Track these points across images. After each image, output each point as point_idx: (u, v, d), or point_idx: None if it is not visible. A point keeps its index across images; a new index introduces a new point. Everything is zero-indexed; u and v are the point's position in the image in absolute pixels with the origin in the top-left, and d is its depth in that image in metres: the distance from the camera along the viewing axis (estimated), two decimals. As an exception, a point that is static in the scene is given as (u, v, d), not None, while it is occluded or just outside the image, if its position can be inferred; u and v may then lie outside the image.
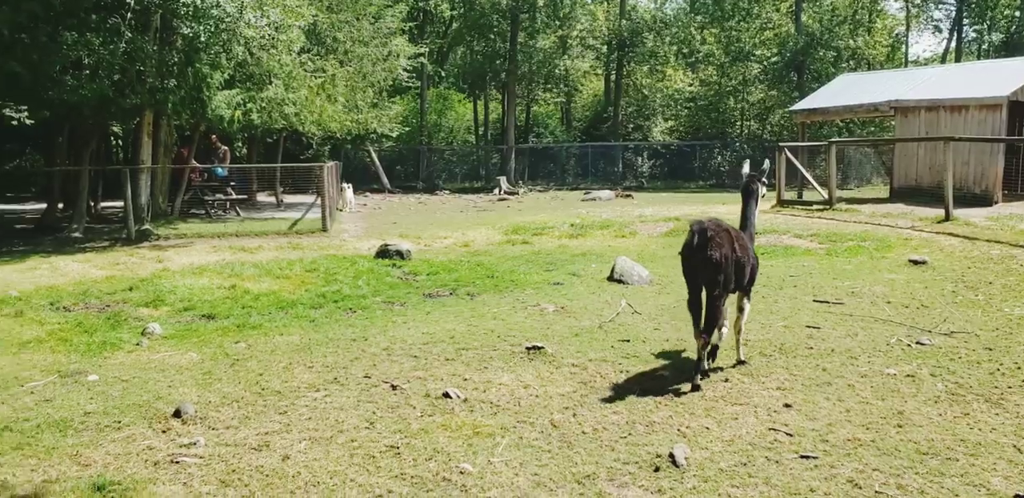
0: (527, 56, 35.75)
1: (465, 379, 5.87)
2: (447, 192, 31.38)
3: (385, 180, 32.23)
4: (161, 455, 4.51)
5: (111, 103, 15.15)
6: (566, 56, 37.12)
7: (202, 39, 14.73)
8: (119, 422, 5.07)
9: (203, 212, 19.66)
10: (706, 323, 5.59)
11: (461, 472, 4.23)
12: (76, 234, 15.26)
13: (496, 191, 30.13)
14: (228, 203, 20.10)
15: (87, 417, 5.17)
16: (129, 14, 15.18)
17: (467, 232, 15.38)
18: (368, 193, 29.63)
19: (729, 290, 5.78)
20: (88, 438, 4.80)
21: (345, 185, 22.97)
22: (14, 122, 21.78)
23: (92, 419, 5.13)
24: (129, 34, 14.98)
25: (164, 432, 4.89)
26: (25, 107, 19.11)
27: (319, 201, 17.45)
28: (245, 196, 21.50)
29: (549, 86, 39.93)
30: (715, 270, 5.48)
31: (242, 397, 5.56)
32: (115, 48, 14.60)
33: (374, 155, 32.93)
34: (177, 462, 4.40)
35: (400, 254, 11.85)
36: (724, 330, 6.08)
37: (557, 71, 37.32)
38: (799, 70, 35.10)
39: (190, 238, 14.83)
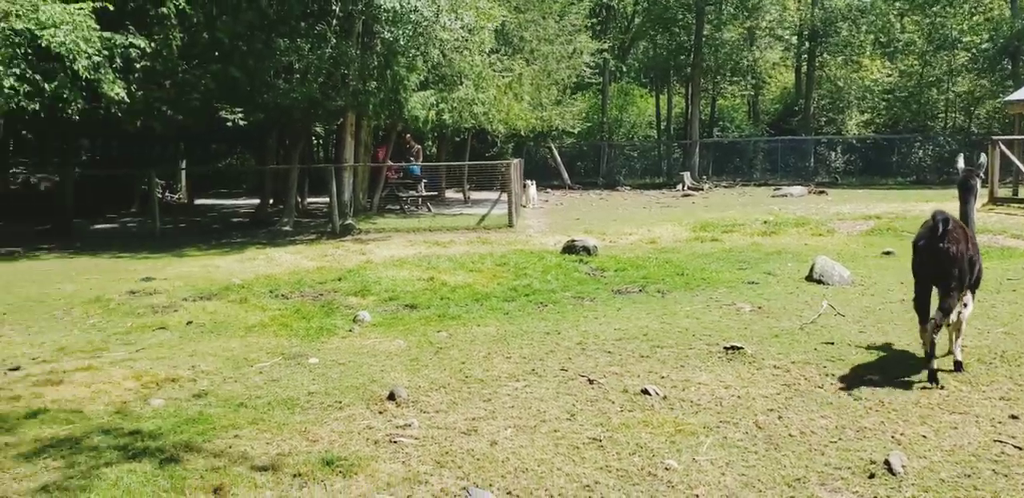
0: (712, 49, 34.95)
1: (662, 377, 5.88)
2: (628, 188, 31.28)
3: (566, 176, 32.53)
4: (380, 435, 4.82)
5: (318, 105, 16.22)
6: (754, 48, 36.01)
7: (401, 43, 15.48)
8: (340, 402, 5.45)
9: (397, 208, 20.66)
10: (939, 309, 5.43)
11: (666, 468, 4.26)
12: (286, 228, 16.46)
13: (679, 187, 29.71)
14: (420, 199, 21.00)
15: (311, 397, 5.60)
16: (334, 21, 16.17)
17: (652, 228, 15.29)
18: (549, 189, 30.00)
19: (959, 288, 5.54)
20: (313, 416, 5.20)
21: (528, 182, 23.39)
22: (228, 124, 23.75)
23: (316, 399, 5.55)
24: (334, 39, 15.98)
25: (381, 413, 5.22)
26: (240, 110, 20.76)
27: (503, 197, 17.93)
28: (435, 193, 22.40)
29: (735, 79, 38.87)
30: (950, 264, 5.32)
31: (448, 383, 5.83)
32: (322, 53, 15.62)
33: (555, 151, 33.32)
34: (395, 442, 4.69)
35: (586, 250, 11.96)
36: (963, 326, 5.98)
37: (744, 63, 36.25)
38: (1014, 57, 32.22)
39: (388, 232, 15.64)
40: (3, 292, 10.24)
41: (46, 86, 13.69)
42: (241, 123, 23.01)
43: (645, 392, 5.50)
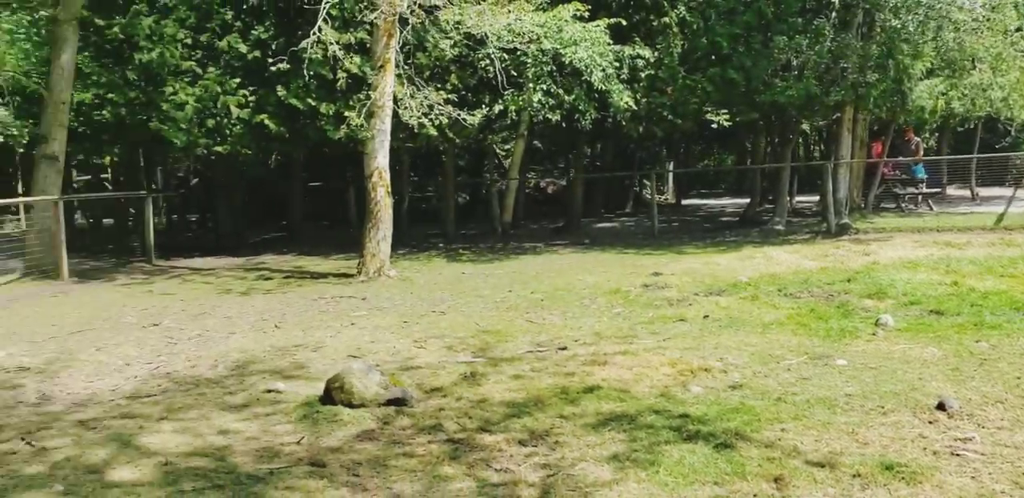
0: None
1: None
2: None
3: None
4: (937, 445, 4.53)
5: (815, 101, 15.86)
6: None
7: (909, 29, 14.47)
8: (882, 407, 5.24)
9: (893, 206, 19.35)
10: None
11: None
12: (778, 227, 16.39)
13: None
14: (920, 197, 19.40)
15: (848, 398, 5.46)
16: (832, 14, 15.70)
17: None
18: (1080, 184, 25.60)
19: None
20: (856, 418, 5.06)
21: (1058, 176, 20.25)
22: (714, 125, 24.36)
23: (854, 401, 5.40)
24: (832, 33, 15.51)
25: (931, 423, 4.91)
26: (725, 111, 21.15)
27: (1020, 193, 15.83)
28: (938, 190, 20.51)
29: None
30: None
31: (1005, 399, 5.28)
32: (820, 48, 15.26)
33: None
34: (957, 455, 4.37)
35: None
36: None
37: None
38: None
39: (888, 232, 14.73)
40: (536, 281, 11.72)
41: (566, 99, 15.39)
42: (725, 124, 23.46)
43: None
